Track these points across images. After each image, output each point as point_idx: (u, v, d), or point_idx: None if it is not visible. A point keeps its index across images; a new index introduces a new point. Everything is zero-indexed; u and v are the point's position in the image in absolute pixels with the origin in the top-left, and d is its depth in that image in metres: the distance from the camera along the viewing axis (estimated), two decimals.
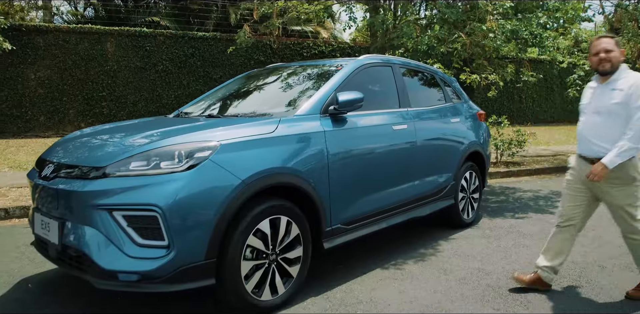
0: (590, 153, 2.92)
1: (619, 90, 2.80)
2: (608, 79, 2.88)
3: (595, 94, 2.93)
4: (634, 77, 2.82)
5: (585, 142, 2.94)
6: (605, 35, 2.94)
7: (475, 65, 7.30)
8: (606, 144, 2.83)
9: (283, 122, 2.96)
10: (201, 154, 2.54)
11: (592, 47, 2.93)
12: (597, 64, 2.88)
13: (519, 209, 5.61)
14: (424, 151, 4.00)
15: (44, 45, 10.49)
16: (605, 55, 2.84)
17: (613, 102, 2.80)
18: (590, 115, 2.92)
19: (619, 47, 2.89)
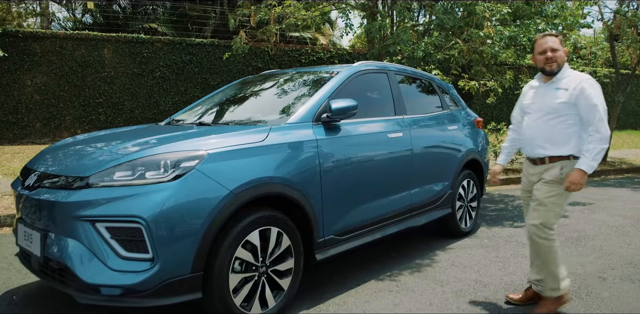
0: (534, 154, 2.89)
1: (564, 89, 2.75)
2: (552, 78, 2.83)
3: (539, 94, 2.88)
4: (578, 77, 2.77)
5: (531, 143, 2.90)
6: (551, 34, 2.86)
7: (474, 71, 7.25)
8: (551, 145, 2.80)
9: (274, 130, 2.89)
10: (188, 163, 2.46)
11: (537, 45, 2.85)
12: (544, 63, 2.81)
13: (518, 217, 5.52)
14: (420, 159, 3.93)
15: (40, 51, 10.45)
16: (551, 54, 2.77)
17: (559, 102, 2.75)
18: (535, 115, 2.88)
19: (563, 46, 2.83)
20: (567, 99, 2.73)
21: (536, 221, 2.80)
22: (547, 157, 2.84)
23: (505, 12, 5.27)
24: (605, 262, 3.89)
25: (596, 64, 10.73)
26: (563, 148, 2.80)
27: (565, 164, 2.80)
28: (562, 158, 2.80)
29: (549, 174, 2.82)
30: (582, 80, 2.74)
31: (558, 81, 2.81)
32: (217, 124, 3.32)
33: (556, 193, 2.78)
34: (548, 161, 2.84)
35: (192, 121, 3.64)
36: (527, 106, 2.95)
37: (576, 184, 2.68)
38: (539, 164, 2.88)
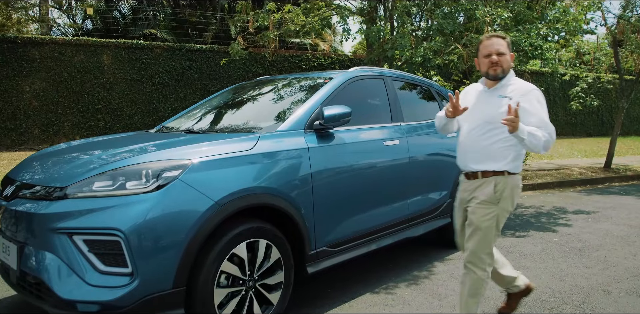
0: (467, 168, 2.61)
1: (508, 98, 2.49)
2: (496, 84, 2.56)
3: (481, 100, 2.60)
4: (525, 86, 2.53)
5: (465, 156, 2.62)
6: (498, 35, 2.59)
7: (475, 77, 7.14)
8: (486, 159, 2.51)
9: (263, 138, 2.78)
10: (170, 173, 2.35)
11: (482, 47, 2.58)
12: (487, 67, 2.54)
13: (520, 226, 5.38)
14: (417, 167, 3.81)
15: (39, 57, 10.41)
16: (497, 58, 2.51)
17: (501, 112, 2.46)
18: (473, 124, 2.57)
19: (510, 50, 2.58)
20: None
21: (474, 249, 2.52)
22: (479, 172, 2.54)
23: (506, 17, 5.16)
24: (610, 274, 3.74)
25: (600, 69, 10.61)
26: (499, 163, 2.50)
27: (499, 180, 2.50)
28: (496, 173, 2.51)
29: (482, 192, 2.52)
30: (528, 90, 2.49)
31: (502, 88, 2.54)
32: (205, 131, 3.21)
33: (493, 215, 2.50)
34: (481, 175, 2.54)
35: (182, 128, 3.54)
36: (466, 112, 2.62)
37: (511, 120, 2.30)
38: (471, 179, 2.59)
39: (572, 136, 18.79)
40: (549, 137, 2.43)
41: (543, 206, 6.71)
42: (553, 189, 8.27)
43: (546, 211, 6.28)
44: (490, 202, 2.50)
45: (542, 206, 6.66)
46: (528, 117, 2.43)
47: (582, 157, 12.59)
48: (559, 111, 18.07)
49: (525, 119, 2.42)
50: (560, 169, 9.93)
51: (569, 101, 11.35)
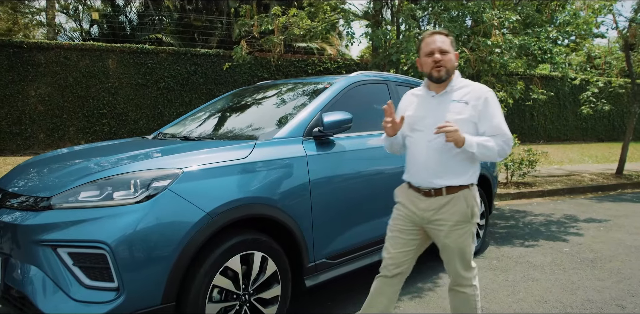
0: (428, 184, 2.29)
1: (464, 103, 2.26)
2: (445, 88, 2.32)
3: (432, 108, 2.33)
4: (479, 89, 2.31)
5: (424, 170, 2.30)
6: (440, 32, 2.34)
7: (483, 82, 6.99)
8: (449, 173, 2.27)
9: (259, 146, 2.67)
10: (159, 183, 2.25)
11: (423, 45, 2.33)
12: (430, 68, 2.29)
13: (530, 235, 5.22)
14: None
15: (45, 62, 10.41)
16: (440, 56, 2.26)
17: (458, 118, 2.23)
18: (429, 134, 2.28)
19: (454, 48, 2.35)
20: (469, 116, 2.24)
21: (459, 272, 2.36)
22: (444, 187, 2.27)
23: (514, 20, 5.02)
24: (624, 287, 3.58)
25: (611, 74, 10.42)
26: (464, 176, 2.28)
27: (467, 194, 2.29)
28: (462, 188, 2.28)
29: (454, 212, 2.27)
30: (482, 93, 2.28)
31: (454, 92, 2.31)
32: (202, 138, 3.10)
33: (469, 233, 2.32)
34: (445, 192, 2.27)
35: (178, 134, 3.44)
36: (415, 121, 2.35)
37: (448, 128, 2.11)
38: (433, 196, 2.29)
39: (582, 141, 18.52)
40: (504, 145, 2.24)
41: (553, 213, 6.53)
42: (563, 196, 8.08)
43: (556, 219, 6.11)
44: (464, 221, 2.29)
45: (552, 214, 6.49)
46: (484, 124, 2.25)
47: (593, 163, 12.36)
48: (569, 116, 17.83)
49: (481, 125, 2.26)
50: (570, 175, 9.73)
51: (580, 105, 11.16)
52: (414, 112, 2.39)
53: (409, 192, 2.40)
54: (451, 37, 2.38)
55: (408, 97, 2.51)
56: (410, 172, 2.39)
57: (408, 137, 2.41)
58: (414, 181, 2.36)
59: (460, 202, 2.28)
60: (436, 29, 2.41)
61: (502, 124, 2.27)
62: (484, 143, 2.19)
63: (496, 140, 2.23)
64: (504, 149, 2.25)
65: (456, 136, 2.12)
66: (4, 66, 10.13)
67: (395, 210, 2.49)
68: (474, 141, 2.17)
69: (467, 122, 2.25)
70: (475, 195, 2.34)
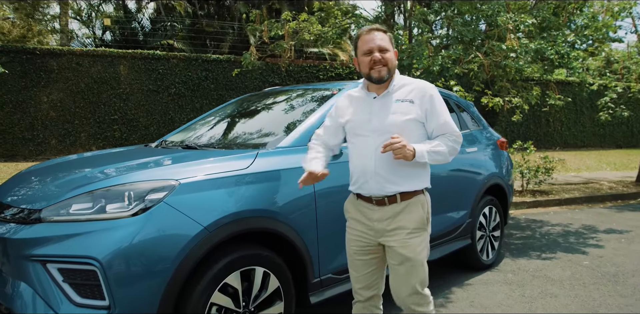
0: (377, 191, 2.13)
1: (408, 102, 2.11)
2: (386, 88, 2.15)
3: (375, 109, 2.15)
4: (422, 86, 2.17)
5: (373, 178, 2.12)
6: (379, 28, 2.16)
7: (497, 87, 6.81)
8: (400, 178, 2.11)
9: (261, 155, 2.55)
10: (154, 195, 2.13)
11: (361, 43, 2.15)
12: (369, 68, 2.12)
13: (547, 247, 5.01)
14: (433, 185, 3.51)
15: (57, 68, 10.46)
16: (379, 55, 2.09)
17: (406, 119, 2.09)
18: (375, 138, 2.11)
19: (393, 46, 2.18)
20: (416, 115, 2.10)
21: (415, 286, 2.16)
22: (398, 194, 2.12)
23: (530, 24, 4.85)
24: None
25: (630, 79, 10.13)
26: (416, 181, 2.14)
27: (422, 200, 2.17)
28: (416, 193, 2.16)
29: (410, 218, 2.13)
30: (426, 90, 2.14)
31: (397, 92, 2.15)
32: (203, 147, 2.99)
33: (425, 242, 2.18)
34: (400, 199, 2.12)
35: (180, 142, 3.33)
36: (358, 126, 2.17)
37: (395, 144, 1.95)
38: (387, 205, 2.13)
39: (600, 147, 18.13)
40: (454, 144, 2.15)
41: (571, 224, 6.30)
42: (581, 205, 7.83)
43: (575, 230, 5.89)
44: (421, 228, 2.17)
45: (570, 224, 6.26)
46: (431, 123, 2.14)
47: (611, 170, 12.04)
48: (586, 122, 17.46)
49: (429, 124, 2.15)
50: (588, 183, 9.46)
51: (597, 111, 10.88)
52: (355, 117, 2.20)
53: (360, 204, 2.23)
54: (390, 34, 2.19)
55: (345, 100, 2.30)
56: (358, 182, 2.19)
57: (351, 144, 2.23)
58: (364, 191, 2.18)
59: (416, 208, 2.16)
60: (374, 25, 2.20)
61: (450, 121, 2.16)
62: (434, 149, 2.08)
63: (445, 140, 2.13)
64: (454, 148, 2.16)
65: (404, 152, 1.97)
66: (17, 72, 10.19)
67: (347, 229, 2.32)
68: (424, 150, 2.05)
69: (415, 123, 2.12)
70: (428, 200, 2.24)
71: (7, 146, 10.38)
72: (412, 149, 2.00)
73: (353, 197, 2.28)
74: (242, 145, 2.90)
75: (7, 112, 10.24)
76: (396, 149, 1.96)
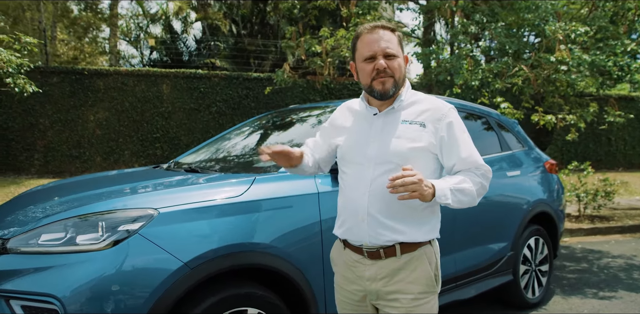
0: (370, 240, 1.64)
1: (419, 125, 1.64)
2: (392, 104, 1.68)
3: (374, 130, 1.68)
4: (438, 106, 1.68)
5: (364, 220, 1.63)
6: (384, 25, 1.65)
7: (548, 103, 6.27)
8: (401, 223, 1.62)
9: (259, 181, 2.26)
10: (129, 226, 1.90)
11: (361, 45, 1.65)
12: (371, 79, 1.63)
13: (606, 283, 4.40)
14: (466, 214, 3.07)
15: (103, 87, 10.76)
16: (385, 63, 1.61)
17: (414, 147, 1.61)
18: (370, 168, 1.63)
19: (403, 50, 1.70)
20: (427, 144, 1.63)
21: None
22: (397, 244, 1.63)
23: (582, 32, 4.36)
24: None
25: None
26: (422, 228, 1.66)
27: (429, 253, 1.68)
28: (422, 244, 1.67)
29: (415, 280, 1.64)
30: (443, 112, 1.67)
31: (404, 110, 1.68)
32: (206, 170, 2.75)
33: (434, 307, 1.70)
34: (400, 251, 1.63)
35: (187, 164, 3.11)
36: (350, 150, 1.71)
37: (405, 178, 1.44)
38: (382, 258, 1.65)
39: None
40: (483, 180, 1.66)
41: (635, 255, 5.59)
42: None
43: (639, 263, 5.20)
44: (429, 291, 1.67)
45: (635, 256, 5.55)
46: (451, 156, 1.66)
47: None
48: None
49: (448, 158, 1.66)
50: None
51: None
52: (349, 138, 1.72)
53: (347, 254, 1.73)
54: (399, 34, 1.69)
55: (341, 114, 1.84)
56: (345, 224, 1.70)
57: (342, 174, 1.76)
58: (352, 237, 1.69)
59: (422, 264, 1.65)
60: (379, 22, 1.69)
61: (475, 154, 1.69)
62: (458, 187, 1.58)
63: (471, 176, 1.64)
64: (484, 186, 1.66)
65: (421, 189, 1.46)
66: (67, 92, 10.55)
67: (335, 287, 1.84)
68: (446, 187, 1.55)
69: (425, 153, 1.64)
70: (437, 251, 1.74)
71: (56, 163, 10.70)
72: (430, 185, 1.51)
73: (339, 244, 1.79)
74: (246, 168, 2.63)
75: (57, 131, 10.59)
76: (410, 185, 1.44)
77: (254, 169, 2.60)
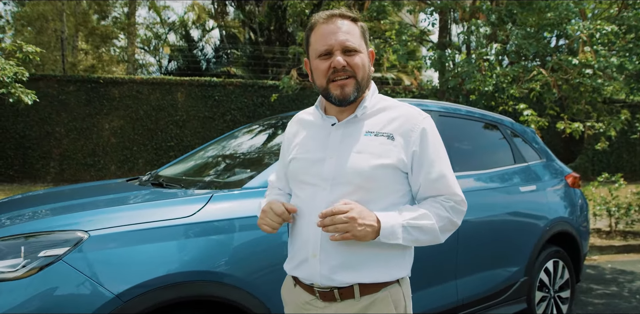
0: (322, 279, 1.32)
1: (386, 137, 1.34)
2: (353, 110, 1.38)
3: (332, 144, 1.37)
4: (411, 114, 1.38)
5: (311, 252, 1.34)
6: (343, 14, 1.35)
7: (574, 110, 5.81)
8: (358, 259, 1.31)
9: (217, 199, 1.97)
10: (52, 251, 1.63)
11: (315, 38, 1.35)
12: (328, 80, 1.34)
13: (638, 311, 3.92)
14: (470, 235, 2.74)
15: (119, 96, 10.77)
16: (344, 59, 1.31)
17: (378, 165, 1.31)
18: (325, 189, 1.33)
19: (368, 43, 1.40)
20: (396, 161, 1.32)
21: None
22: (356, 285, 1.32)
23: (608, 31, 3.93)
24: None
25: None
26: (387, 266, 1.34)
27: (395, 294, 1.34)
28: (386, 285, 1.34)
29: None
30: (416, 122, 1.36)
31: (368, 118, 1.38)
32: (171, 184, 2.46)
33: None
34: (358, 293, 1.32)
35: (160, 177, 2.84)
36: (301, 168, 1.40)
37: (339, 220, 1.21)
38: (337, 301, 1.33)
39: None
40: (452, 215, 1.34)
41: None
42: None
43: None
44: None
45: None
46: (417, 175, 1.35)
47: None
48: None
49: (415, 178, 1.35)
50: None
51: None
52: (300, 153, 1.42)
53: (298, 294, 1.42)
54: (363, 24, 1.39)
55: (293, 128, 1.53)
56: (295, 259, 1.40)
57: (294, 198, 1.45)
58: (302, 273, 1.37)
59: (387, 308, 1.33)
60: (337, 10, 1.36)
61: (449, 177, 1.36)
62: (415, 223, 1.28)
63: (436, 207, 1.33)
64: (452, 222, 1.35)
65: (354, 229, 1.21)
66: (82, 101, 10.59)
67: None
68: (397, 224, 1.26)
69: (393, 172, 1.33)
70: (408, 292, 1.40)
71: (72, 171, 10.72)
72: (371, 223, 1.23)
73: (290, 281, 1.47)
74: (210, 183, 2.34)
75: (72, 139, 10.61)
76: (339, 224, 1.21)
77: (214, 184, 2.30)
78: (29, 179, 10.64)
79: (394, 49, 5.26)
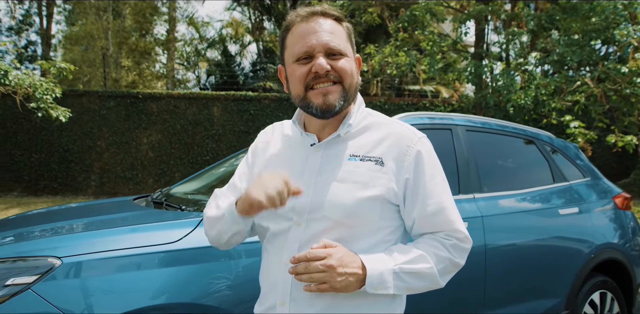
0: None
1: (374, 161, 1.12)
2: (335, 128, 1.17)
3: (310, 168, 1.15)
4: (403, 134, 1.16)
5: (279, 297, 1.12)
6: (325, 12, 1.14)
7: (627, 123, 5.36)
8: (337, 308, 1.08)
9: None
10: (21, 279, 1.50)
11: (292, 38, 1.14)
12: (306, 87, 1.13)
13: None
14: (501, 263, 2.45)
15: (157, 111, 10.95)
16: (327, 63, 1.10)
17: (365, 197, 1.09)
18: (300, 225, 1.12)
19: (354, 46, 1.19)
20: (385, 191, 1.11)
21: None
22: None
23: None
24: None
25: None
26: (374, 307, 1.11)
27: None
28: None
29: None
30: (409, 141, 1.15)
31: (353, 138, 1.17)
32: (171, 204, 2.32)
33: None
34: None
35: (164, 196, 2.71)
36: None
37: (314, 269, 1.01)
38: None
39: None
40: (453, 255, 1.12)
41: None
42: None
43: None
44: None
45: None
46: (411, 208, 1.13)
47: None
48: None
49: (408, 209, 1.13)
50: None
51: None
52: None
53: None
54: (348, 25, 1.17)
55: (270, 134, 1.33)
56: (264, 302, 1.19)
57: (259, 228, 1.22)
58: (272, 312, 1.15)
59: None
60: (318, 7, 1.15)
61: (450, 210, 1.14)
62: (410, 268, 1.07)
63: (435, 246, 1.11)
64: (454, 262, 1.12)
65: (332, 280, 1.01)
66: (122, 115, 10.84)
67: None
68: (387, 270, 1.05)
69: (382, 205, 1.11)
70: None
71: (111, 184, 10.93)
72: (355, 270, 1.04)
73: None
74: None
75: (112, 153, 10.85)
76: (315, 273, 1.02)
77: None
78: (71, 192, 10.93)
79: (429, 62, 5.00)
